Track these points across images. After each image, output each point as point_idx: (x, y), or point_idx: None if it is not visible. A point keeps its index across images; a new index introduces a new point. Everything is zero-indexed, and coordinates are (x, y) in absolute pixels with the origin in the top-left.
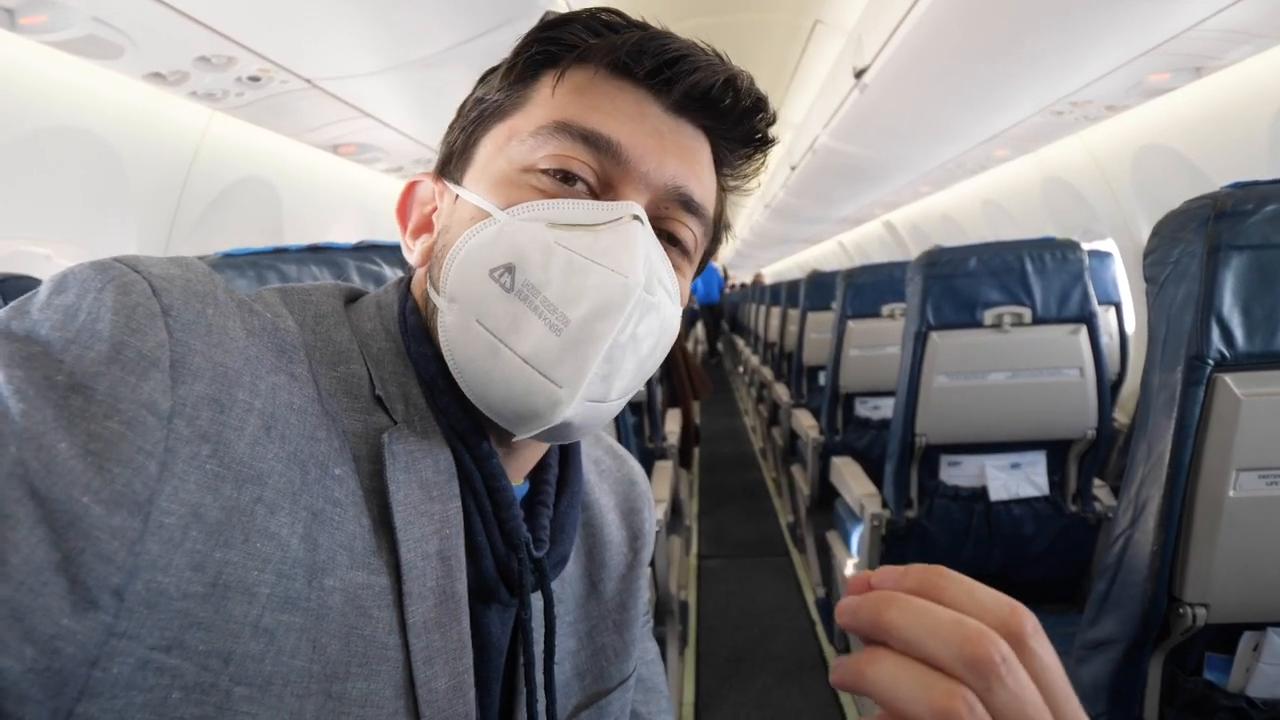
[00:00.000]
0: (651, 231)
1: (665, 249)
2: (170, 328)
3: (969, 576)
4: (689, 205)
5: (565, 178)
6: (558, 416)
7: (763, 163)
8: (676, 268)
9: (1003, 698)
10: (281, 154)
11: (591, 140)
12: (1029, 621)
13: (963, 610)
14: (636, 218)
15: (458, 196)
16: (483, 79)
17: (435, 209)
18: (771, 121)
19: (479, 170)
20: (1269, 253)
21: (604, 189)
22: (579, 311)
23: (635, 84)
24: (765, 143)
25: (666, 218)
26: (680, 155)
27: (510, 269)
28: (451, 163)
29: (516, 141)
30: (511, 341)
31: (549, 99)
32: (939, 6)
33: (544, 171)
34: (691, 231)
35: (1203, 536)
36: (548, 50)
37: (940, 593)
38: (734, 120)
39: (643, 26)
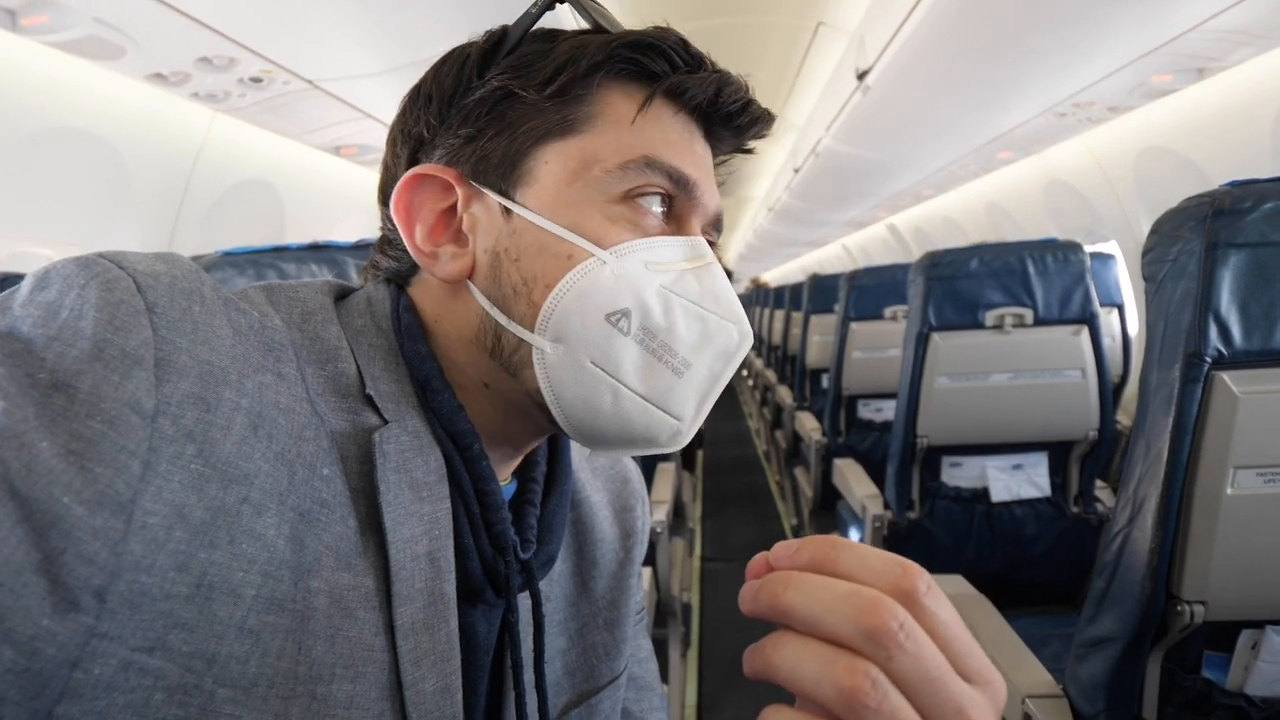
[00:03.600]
0: None
1: None
2: (155, 325)
3: (971, 577)
4: (719, 225)
5: (659, 201)
6: (677, 445)
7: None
8: None
9: (904, 663)
10: (283, 156)
11: (674, 178)
12: (921, 580)
13: (856, 578)
14: (714, 258)
15: (509, 213)
16: (487, 61)
17: (459, 215)
18: (761, 135)
19: (550, 193)
20: (1267, 250)
21: (672, 219)
22: (702, 357)
23: (687, 112)
24: (745, 151)
25: (706, 238)
26: (712, 179)
27: (627, 314)
28: (488, 169)
29: (601, 171)
30: (632, 383)
31: (626, 125)
32: (941, 8)
33: (631, 201)
34: (717, 244)
35: (1201, 534)
36: (623, 69)
37: (834, 564)
38: (739, 133)
39: (709, 63)
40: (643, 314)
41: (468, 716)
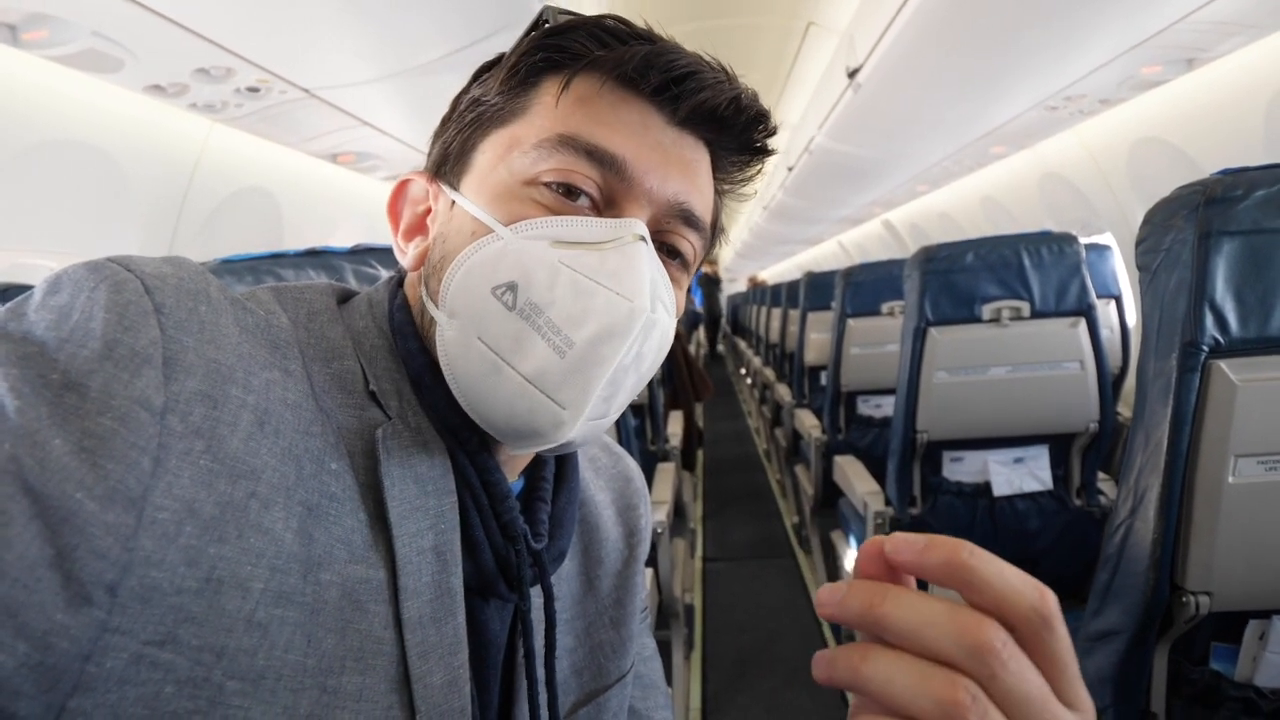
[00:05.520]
0: (654, 251)
1: (665, 262)
2: (163, 325)
3: None
4: (690, 220)
5: (568, 192)
6: (561, 436)
7: (760, 169)
8: (675, 280)
9: (1005, 682)
10: (281, 164)
11: (596, 155)
12: (1054, 602)
13: (993, 592)
14: (641, 238)
15: (454, 203)
16: (478, 77)
17: (429, 210)
18: (772, 133)
19: (478, 178)
20: (1260, 237)
21: (607, 204)
22: (584, 334)
23: (640, 97)
24: (764, 152)
25: (667, 231)
26: (682, 170)
27: (513, 287)
28: (447, 164)
29: (519, 153)
30: (514, 361)
31: (552, 109)
32: (930, 5)
33: (546, 185)
34: (691, 244)
35: (1203, 524)
36: (551, 57)
37: (970, 574)
38: (736, 134)
39: (649, 38)
40: (528, 287)
41: (481, 716)
